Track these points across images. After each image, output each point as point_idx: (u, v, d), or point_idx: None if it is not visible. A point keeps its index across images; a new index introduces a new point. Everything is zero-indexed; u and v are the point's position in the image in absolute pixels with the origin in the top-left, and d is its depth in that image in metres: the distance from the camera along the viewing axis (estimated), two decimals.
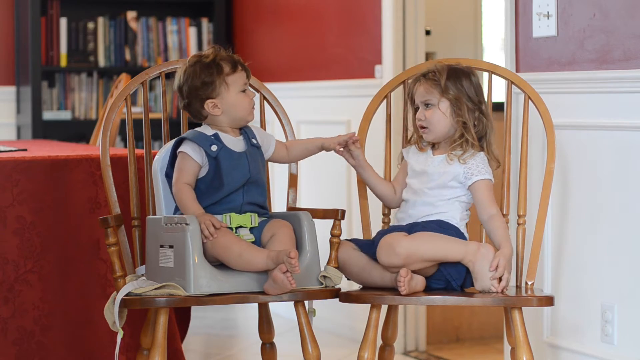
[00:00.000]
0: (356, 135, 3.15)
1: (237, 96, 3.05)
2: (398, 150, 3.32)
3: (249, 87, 3.13)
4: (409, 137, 3.23)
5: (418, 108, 3.13)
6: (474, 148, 3.07)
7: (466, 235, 3.07)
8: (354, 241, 3.10)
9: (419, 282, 2.94)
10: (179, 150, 3.03)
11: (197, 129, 3.09)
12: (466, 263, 2.94)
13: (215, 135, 3.04)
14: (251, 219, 3.01)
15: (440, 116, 3.08)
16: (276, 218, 3.08)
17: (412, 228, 3.01)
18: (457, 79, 3.08)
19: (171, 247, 2.92)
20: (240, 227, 2.99)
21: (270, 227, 3.01)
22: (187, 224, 2.89)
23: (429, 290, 2.98)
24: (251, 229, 3.01)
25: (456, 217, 3.06)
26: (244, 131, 3.10)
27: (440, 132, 3.09)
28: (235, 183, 3.00)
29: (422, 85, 3.10)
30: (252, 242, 2.99)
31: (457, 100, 3.06)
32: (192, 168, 3.01)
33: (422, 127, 3.11)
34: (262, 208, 3.07)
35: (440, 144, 3.13)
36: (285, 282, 2.86)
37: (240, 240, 2.94)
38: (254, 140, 3.10)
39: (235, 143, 3.06)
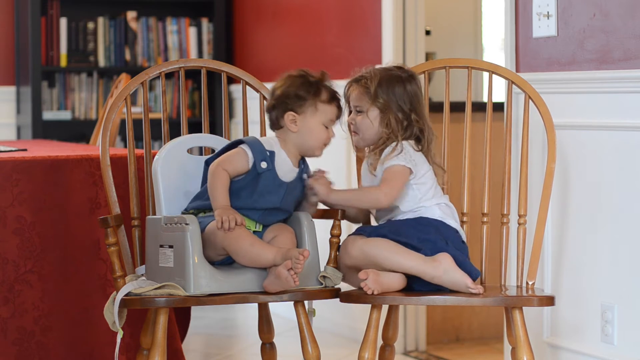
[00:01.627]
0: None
1: (319, 126, 3.01)
2: None
3: (333, 128, 3.06)
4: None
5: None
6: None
7: (456, 227, 3.04)
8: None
9: (395, 279, 2.93)
10: (242, 146, 2.98)
11: (261, 138, 3.03)
12: (429, 280, 2.91)
13: (272, 154, 2.98)
14: (256, 224, 3.01)
15: (368, 124, 3.05)
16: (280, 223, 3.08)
17: (387, 226, 3.00)
18: (390, 86, 3.03)
19: (171, 247, 2.92)
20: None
21: (272, 229, 3.01)
22: (186, 224, 2.89)
23: (417, 292, 2.96)
24: (254, 233, 3.00)
25: (435, 212, 3.04)
26: (302, 163, 3.05)
27: (368, 139, 3.07)
28: (262, 204, 2.98)
29: (355, 91, 3.08)
30: None
31: (386, 109, 3.03)
32: (241, 165, 2.96)
33: (355, 133, 3.09)
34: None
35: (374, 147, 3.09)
36: (289, 280, 2.85)
37: (252, 234, 2.93)
38: (305, 175, 3.05)
39: (286, 170, 3.00)
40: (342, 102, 3.09)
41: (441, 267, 2.89)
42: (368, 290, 2.88)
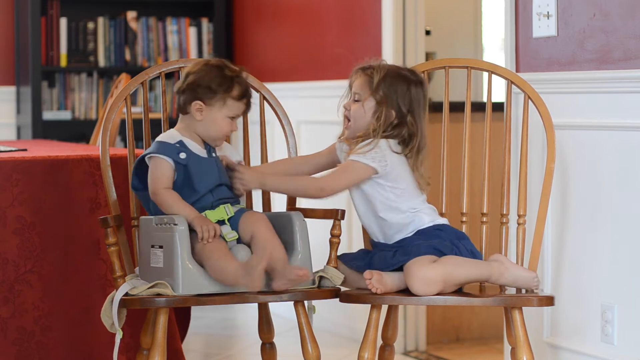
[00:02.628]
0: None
1: (224, 119, 3.02)
2: None
3: (237, 120, 3.07)
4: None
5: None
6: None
7: (445, 222, 3.05)
8: (341, 257, 3.10)
9: (397, 280, 2.93)
10: (150, 155, 2.99)
11: (161, 138, 3.04)
12: (494, 282, 2.95)
13: (180, 143, 3.01)
14: (226, 210, 3.00)
15: (361, 113, 3.04)
16: (248, 210, 3.06)
17: (399, 247, 2.99)
18: (393, 83, 3.02)
19: (161, 247, 2.92)
20: (219, 221, 2.98)
21: (246, 223, 2.99)
22: (175, 224, 2.88)
23: None
24: (230, 220, 3.00)
25: (424, 219, 3.03)
26: (207, 146, 3.07)
27: (359, 129, 3.05)
28: (206, 188, 2.99)
29: (359, 78, 3.06)
30: (236, 240, 2.98)
31: (383, 103, 3.01)
32: (169, 171, 2.97)
33: (347, 120, 3.08)
34: (230, 199, 3.05)
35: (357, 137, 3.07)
36: (302, 279, 2.88)
37: (223, 250, 2.91)
38: (214, 155, 3.07)
39: (200, 151, 3.03)
40: (253, 99, 3.08)
41: (504, 268, 2.94)
42: (373, 289, 2.88)
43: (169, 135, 3.04)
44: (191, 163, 2.99)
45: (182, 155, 2.98)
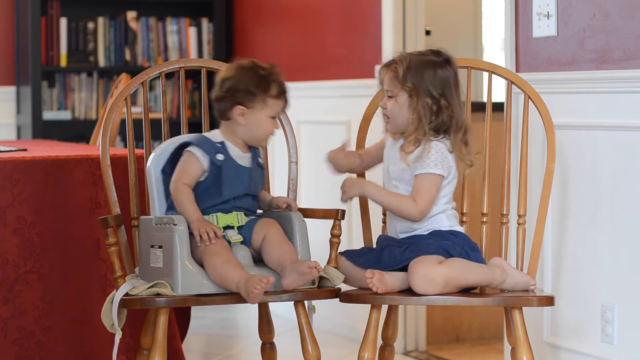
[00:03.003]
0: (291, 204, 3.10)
1: (266, 119, 3.03)
2: None
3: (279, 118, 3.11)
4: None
5: None
6: (427, 137, 3.00)
7: (462, 230, 3.06)
8: (346, 253, 3.10)
9: (398, 280, 2.93)
10: (187, 149, 3.01)
11: (205, 133, 3.08)
12: (495, 287, 2.96)
13: (222, 144, 3.02)
14: (237, 218, 3.00)
15: (397, 109, 3.03)
16: (263, 217, 3.07)
17: (410, 244, 2.99)
18: (418, 70, 3.00)
19: (160, 247, 2.92)
20: (228, 226, 2.99)
21: (259, 228, 3.00)
22: (174, 225, 2.88)
23: None
24: (239, 228, 3.00)
25: (443, 221, 3.03)
26: (253, 150, 3.09)
27: (399, 124, 3.04)
28: (232, 194, 3.00)
29: (386, 75, 3.05)
30: (241, 242, 2.99)
31: (414, 94, 2.99)
32: (196, 171, 2.99)
33: (387, 117, 3.07)
34: (249, 210, 3.06)
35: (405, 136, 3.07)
36: (313, 273, 2.86)
37: (227, 255, 2.91)
38: (260, 160, 3.09)
39: (241, 157, 3.04)
40: (289, 94, 3.09)
41: (505, 274, 2.95)
42: (374, 288, 2.88)
43: (212, 134, 3.06)
44: (226, 166, 2.99)
45: (220, 157, 2.99)
